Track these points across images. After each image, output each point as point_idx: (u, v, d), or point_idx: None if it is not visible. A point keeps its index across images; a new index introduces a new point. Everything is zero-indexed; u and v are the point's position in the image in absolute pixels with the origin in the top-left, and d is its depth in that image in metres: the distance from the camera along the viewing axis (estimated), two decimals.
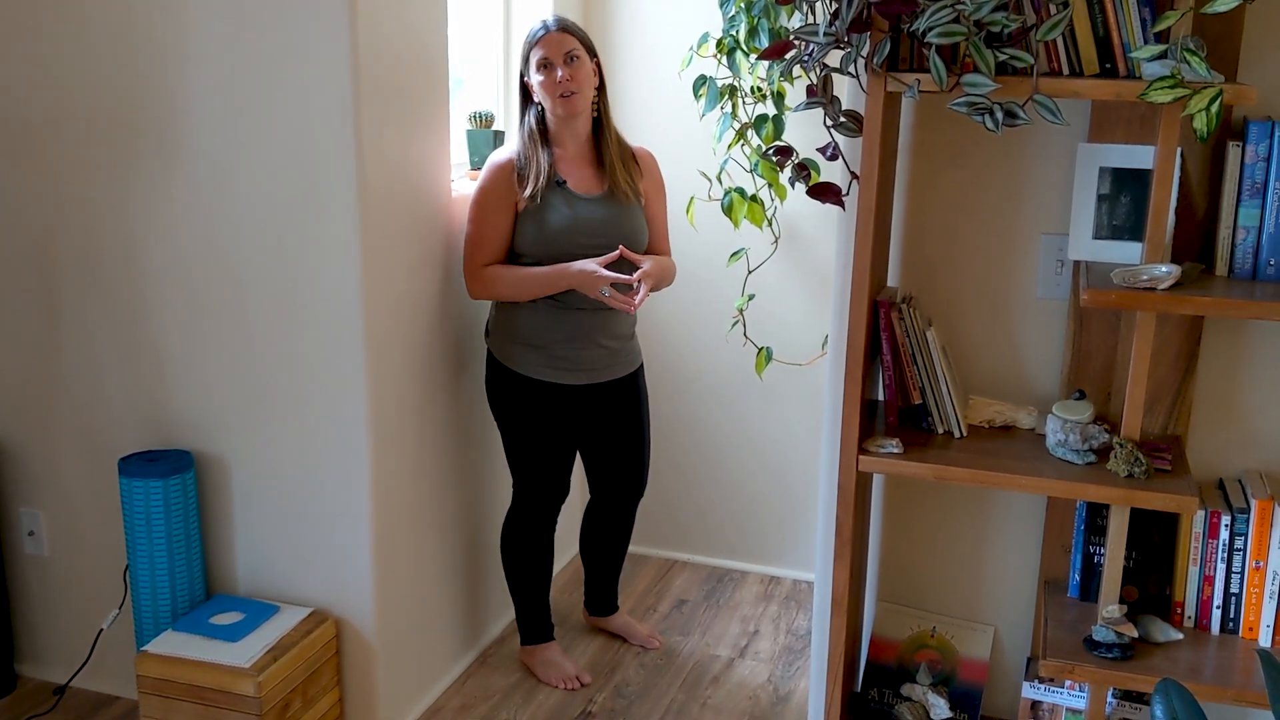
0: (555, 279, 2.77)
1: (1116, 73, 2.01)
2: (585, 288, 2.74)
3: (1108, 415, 2.35)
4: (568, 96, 2.76)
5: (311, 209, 2.52)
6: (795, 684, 3.12)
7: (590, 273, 2.72)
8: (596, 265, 2.72)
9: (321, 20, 2.41)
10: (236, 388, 2.68)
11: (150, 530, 2.63)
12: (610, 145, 2.87)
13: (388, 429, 2.68)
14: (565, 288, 2.77)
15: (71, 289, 2.76)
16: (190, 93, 2.55)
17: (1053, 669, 2.17)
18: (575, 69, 2.76)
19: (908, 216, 2.46)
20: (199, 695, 2.52)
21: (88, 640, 2.91)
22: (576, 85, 2.76)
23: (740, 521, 3.79)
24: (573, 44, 2.78)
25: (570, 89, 2.76)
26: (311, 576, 2.73)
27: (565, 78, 2.75)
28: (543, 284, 2.79)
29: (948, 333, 2.46)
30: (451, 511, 3.03)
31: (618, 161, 2.87)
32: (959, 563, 2.58)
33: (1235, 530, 2.20)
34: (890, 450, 2.24)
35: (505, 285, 2.81)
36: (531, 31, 2.81)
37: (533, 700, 3.01)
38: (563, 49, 2.76)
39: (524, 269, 2.81)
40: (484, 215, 2.80)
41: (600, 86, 2.86)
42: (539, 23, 2.82)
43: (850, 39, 2.04)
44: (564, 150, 2.85)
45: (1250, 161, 2.07)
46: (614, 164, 2.86)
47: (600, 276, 2.71)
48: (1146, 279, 2.02)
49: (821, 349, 3.43)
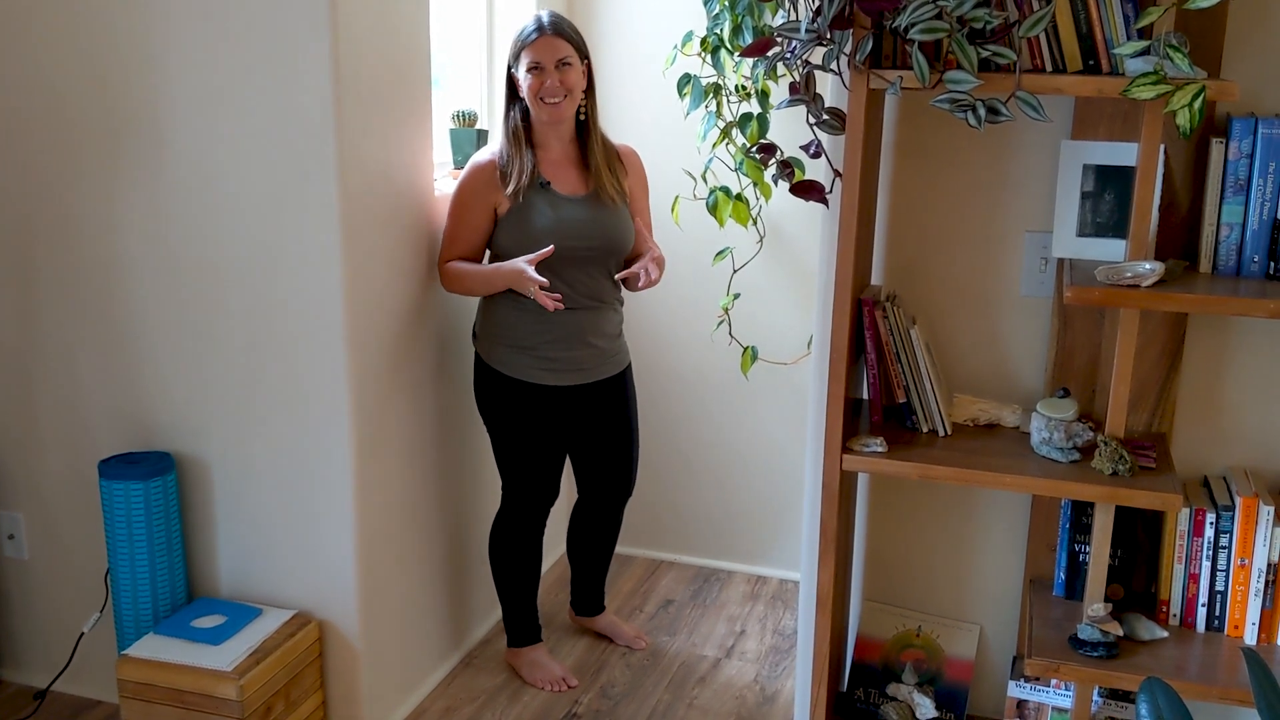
0: (491, 277, 2.77)
1: (1099, 69, 2.01)
2: (518, 286, 2.72)
3: (1092, 413, 2.35)
4: (554, 104, 2.73)
5: (292, 209, 2.50)
6: (781, 684, 3.11)
7: (519, 272, 2.69)
8: (526, 265, 2.69)
9: (303, 19, 2.39)
10: (218, 389, 2.66)
11: (131, 533, 2.61)
12: (596, 148, 2.84)
13: (370, 430, 2.66)
14: (502, 286, 2.76)
15: (50, 290, 2.74)
16: (171, 93, 2.53)
17: (1038, 668, 2.17)
18: (565, 75, 2.73)
19: (891, 214, 2.45)
20: (180, 699, 2.50)
21: (68, 644, 2.89)
22: (565, 91, 2.73)
23: (726, 521, 3.78)
24: (566, 50, 2.73)
25: (557, 97, 2.73)
26: (294, 579, 2.71)
27: (554, 84, 2.72)
28: (483, 283, 2.79)
29: (932, 331, 2.46)
30: (435, 512, 3.02)
31: (603, 165, 2.84)
32: (944, 562, 2.58)
33: (1220, 528, 2.20)
34: (875, 449, 2.23)
35: (459, 281, 2.82)
36: (525, 29, 2.76)
37: (518, 702, 3.00)
38: (556, 55, 2.72)
39: (471, 266, 2.81)
40: (460, 213, 2.80)
41: (589, 89, 2.84)
42: (534, 20, 2.77)
43: (833, 36, 2.04)
44: (547, 151, 2.83)
45: (1233, 158, 2.07)
46: (600, 168, 2.83)
47: (529, 278, 2.67)
48: (1130, 276, 2.02)
49: (806, 348, 3.43)
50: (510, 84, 2.82)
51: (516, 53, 2.77)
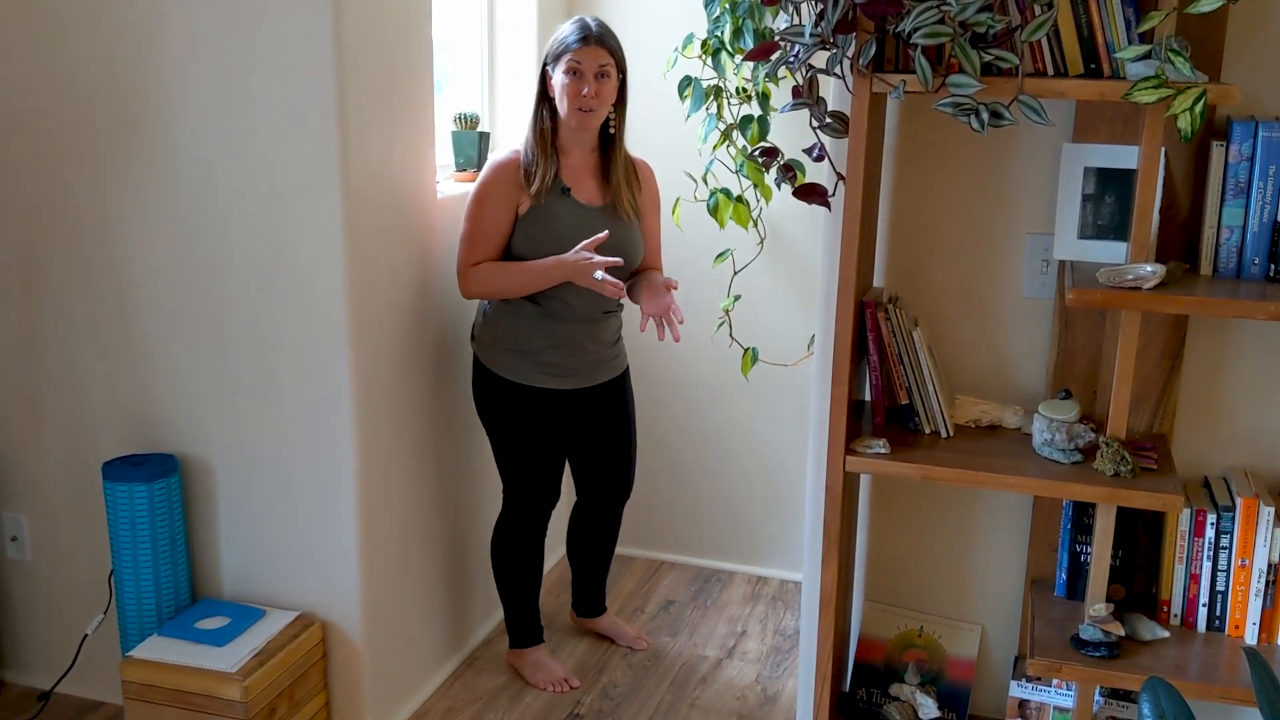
0: (550, 270, 2.72)
1: (1101, 73, 2.01)
2: (579, 275, 2.70)
3: (1093, 414, 2.35)
4: (586, 112, 2.73)
5: (296, 212, 2.51)
6: (783, 684, 3.12)
7: (584, 259, 2.68)
8: (588, 253, 2.68)
9: (305, 21, 2.40)
10: (221, 391, 2.67)
11: (135, 534, 2.61)
12: (618, 162, 2.84)
13: (373, 432, 2.67)
14: (560, 278, 2.73)
15: (54, 292, 2.74)
16: (174, 94, 2.53)
17: (1040, 668, 2.18)
18: (602, 86, 2.72)
19: (893, 217, 2.46)
20: (184, 700, 2.50)
21: (72, 646, 2.89)
22: (599, 103, 2.73)
23: (727, 522, 3.79)
24: (608, 61, 2.72)
25: (591, 105, 2.72)
26: (297, 580, 2.72)
27: (591, 93, 2.71)
28: (538, 275, 2.74)
29: (934, 333, 2.47)
30: (438, 513, 3.02)
31: (623, 180, 2.84)
32: (946, 562, 2.58)
33: (1221, 528, 2.21)
34: (877, 450, 2.24)
35: (500, 280, 2.77)
36: (569, 33, 2.73)
37: (520, 702, 3.00)
38: (597, 63, 2.71)
39: (511, 264, 2.77)
40: (483, 212, 2.77)
41: (619, 102, 2.82)
42: (577, 23, 2.73)
43: (836, 40, 2.04)
44: (569, 157, 2.82)
45: (1234, 161, 2.08)
46: (620, 182, 2.83)
47: (595, 263, 2.67)
48: (1131, 278, 2.03)
49: (807, 349, 3.43)
50: (543, 83, 2.79)
51: (557, 54, 2.74)
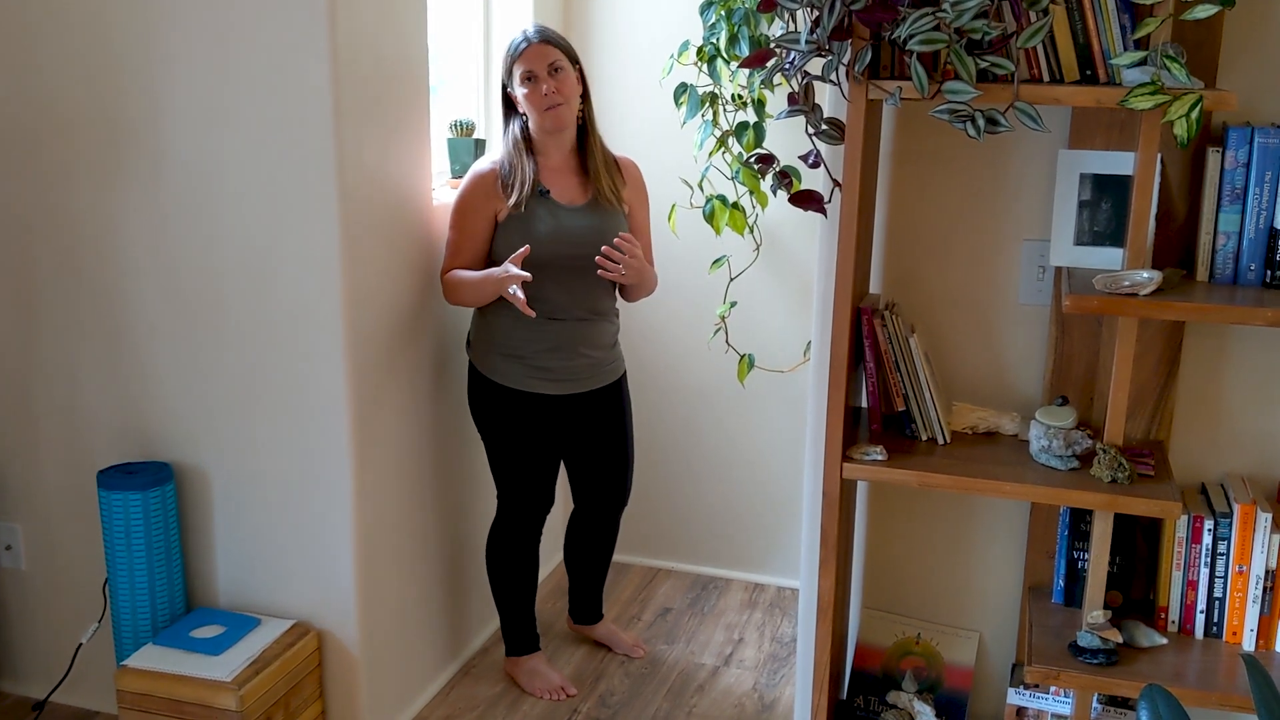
0: (482, 284, 2.74)
1: (1097, 79, 2.02)
2: (500, 287, 2.69)
3: (1090, 421, 2.35)
4: (554, 109, 2.75)
5: (292, 219, 2.50)
6: (780, 691, 3.11)
7: (503, 271, 2.67)
8: (510, 264, 2.66)
9: (302, 28, 2.40)
10: (216, 398, 2.66)
11: (130, 543, 2.60)
12: (595, 153, 2.86)
13: (369, 439, 2.66)
14: (492, 290, 2.73)
15: (50, 300, 2.74)
16: (171, 101, 2.53)
17: (1038, 675, 2.17)
18: (560, 80, 2.75)
19: (889, 223, 2.46)
20: (179, 710, 2.49)
21: (67, 655, 2.88)
22: (563, 96, 2.75)
23: (724, 529, 3.78)
24: (555, 55, 2.76)
25: (556, 100, 2.74)
26: (293, 588, 2.71)
27: (551, 90, 2.73)
28: (475, 290, 2.77)
29: (930, 339, 2.47)
30: (434, 521, 3.02)
31: (602, 169, 2.86)
32: (944, 569, 2.58)
33: (1218, 535, 2.21)
34: (874, 457, 2.24)
35: (457, 291, 2.80)
36: (513, 44, 2.80)
37: (517, 710, 2.99)
38: (546, 60, 2.75)
39: (466, 274, 2.79)
40: (461, 222, 2.80)
41: (584, 95, 2.86)
42: (519, 34, 2.81)
43: (832, 47, 2.04)
44: (548, 160, 2.84)
45: (1230, 167, 2.09)
46: (598, 172, 2.85)
47: (510, 276, 2.66)
48: (1128, 285, 2.03)
49: (804, 356, 3.43)
50: (506, 101, 2.83)
51: (509, 68, 2.79)
